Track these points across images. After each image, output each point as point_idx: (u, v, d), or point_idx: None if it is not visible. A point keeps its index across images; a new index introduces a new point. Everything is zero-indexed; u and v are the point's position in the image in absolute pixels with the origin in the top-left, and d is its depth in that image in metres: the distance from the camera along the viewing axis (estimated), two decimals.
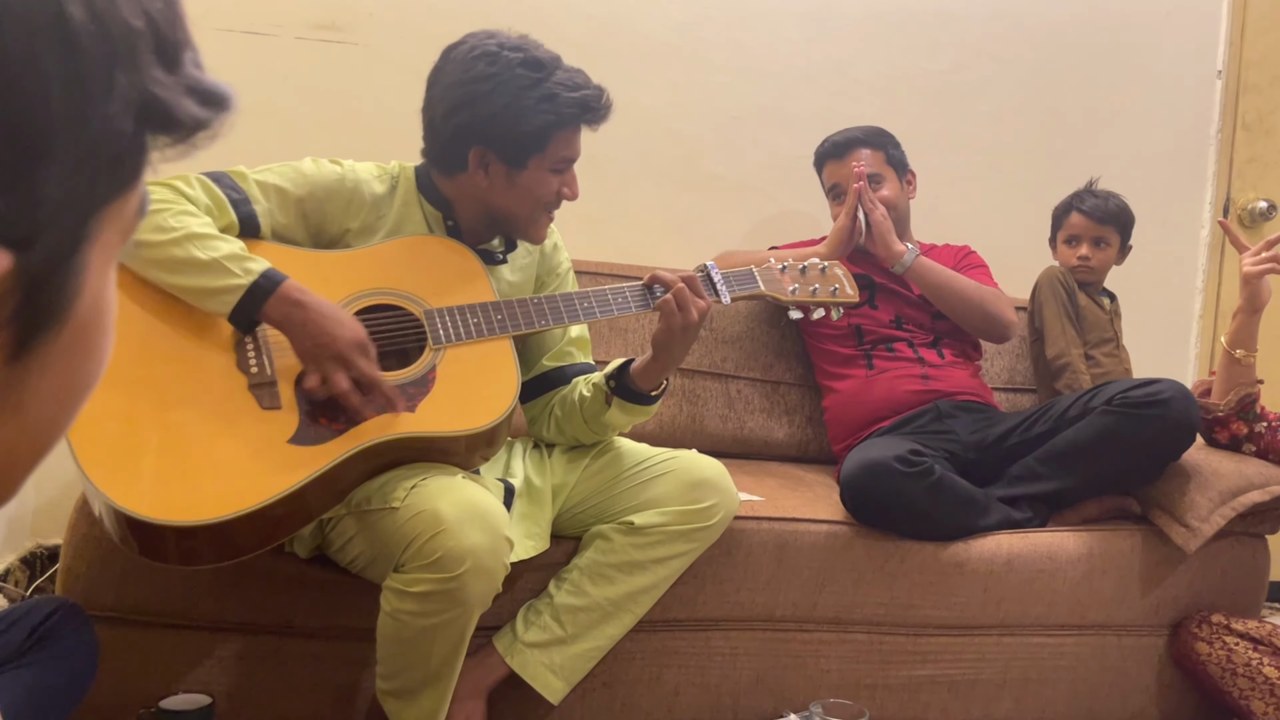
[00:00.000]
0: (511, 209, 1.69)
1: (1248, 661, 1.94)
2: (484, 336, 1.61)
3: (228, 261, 1.46)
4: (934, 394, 2.28)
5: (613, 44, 2.68)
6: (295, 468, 1.43)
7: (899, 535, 1.95)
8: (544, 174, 1.66)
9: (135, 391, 1.44)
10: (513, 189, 1.67)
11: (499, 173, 1.66)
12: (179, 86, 0.40)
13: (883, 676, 1.97)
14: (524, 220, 1.71)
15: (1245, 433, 2.11)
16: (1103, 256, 2.48)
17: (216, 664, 1.69)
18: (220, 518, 1.37)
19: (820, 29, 2.80)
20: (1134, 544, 2.06)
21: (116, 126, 0.37)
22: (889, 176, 2.42)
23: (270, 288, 1.46)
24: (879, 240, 2.29)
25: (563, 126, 1.63)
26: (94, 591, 1.64)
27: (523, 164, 1.65)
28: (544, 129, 1.62)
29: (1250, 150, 3.10)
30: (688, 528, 1.70)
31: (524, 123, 1.60)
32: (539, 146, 1.63)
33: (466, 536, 1.40)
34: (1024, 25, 2.93)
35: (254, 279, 1.46)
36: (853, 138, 2.44)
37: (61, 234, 0.37)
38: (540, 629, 1.67)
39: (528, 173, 1.65)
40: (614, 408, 1.72)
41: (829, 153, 2.47)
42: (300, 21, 2.50)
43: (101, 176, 0.38)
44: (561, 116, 1.62)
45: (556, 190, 1.68)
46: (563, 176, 1.69)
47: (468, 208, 1.72)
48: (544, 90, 1.60)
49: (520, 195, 1.67)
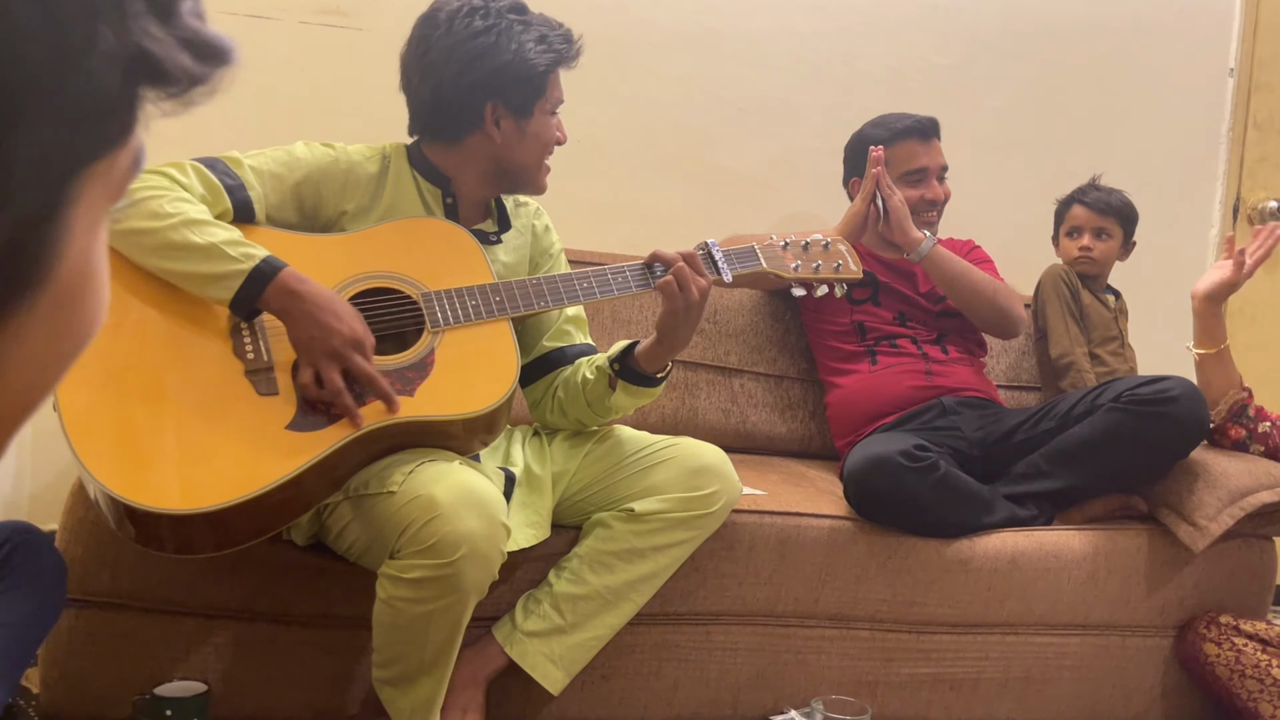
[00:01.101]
0: (523, 160, 1.72)
1: (1257, 663, 1.92)
2: (483, 319, 1.60)
3: (226, 247, 1.45)
4: (938, 390, 2.26)
5: (620, 34, 2.66)
6: (293, 454, 1.42)
7: (902, 531, 1.93)
8: (546, 118, 1.72)
9: (131, 379, 1.42)
10: (524, 139, 1.70)
11: (510, 125, 1.69)
12: (173, 38, 0.37)
13: (885, 674, 1.96)
14: (534, 169, 1.74)
15: (1245, 435, 2.10)
16: (1104, 248, 2.45)
17: (212, 651, 1.68)
18: (217, 505, 1.35)
19: (829, 21, 2.78)
20: (1140, 544, 2.04)
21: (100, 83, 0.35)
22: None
23: (271, 274, 1.45)
24: (897, 227, 2.23)
25: (554, 66, 1.69)
26: (90, 577, 1.62)
27: (529, 111, 1.69)
28: (545, 71, 1.67)
29: (1261, 149, 3.08)
30: (689, 515, 1.68)
31: (533, 68, 1.65)
32: (540, 91, 1.69)
33: (462, 522, 1.38)
34: (1034, 20, 2.91)
35: (255, 264, 1.45)
36: (936, 125, 2.39)
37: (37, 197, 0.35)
38: (540, 618, 1.65)
39: (534, 119, 1.70)
40: (619, 390, 1.70)
41: (917, 130, 2.37)
42: (304, 6, 2.48)
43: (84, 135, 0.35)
44: (558, 55, 1.68)
45: (554, 134, 1.74)
46: (556, 119, 1.75)
47: (472, 174, 1.73)
48: (536, 33, 1.66)
49: (530, 144, 1.71)
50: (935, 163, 2.37)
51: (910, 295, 2.39)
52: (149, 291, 1.49)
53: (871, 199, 2.24)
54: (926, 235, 2.25)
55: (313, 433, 1.45)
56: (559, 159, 1.79)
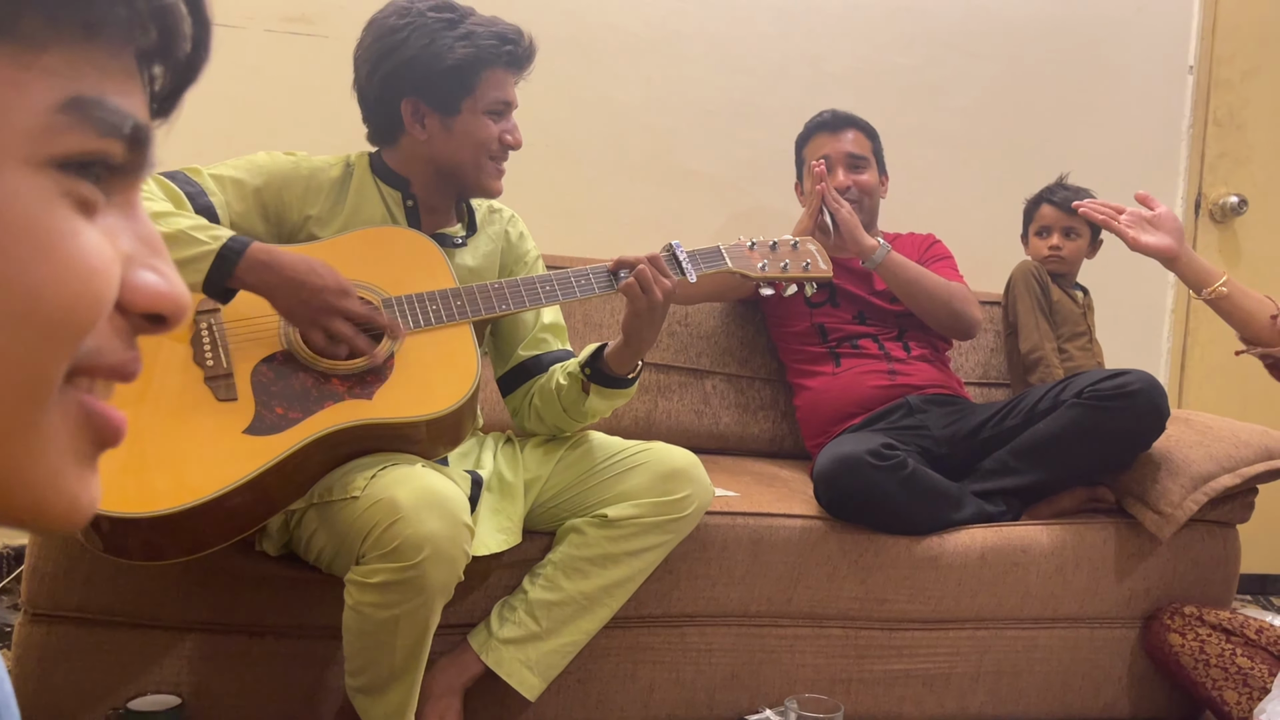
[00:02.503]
0: (455, 158, 1.70)
1: (1221, 652, 1.96)
2: (443, 323, 1.60)
3: (193, 231, 1.46)
4: (902, 389, 2.28)
5: (587, 39, 2.67)
6: (251, 457, 1.42)
7: (873, 529, 1.95)
8: (479, 118, 1.68)
9: None
10: (451, 137, 1.68)
11: (435, 123, 1.68)
12: None
13: (858, 671, 1.98)
14: (471, 169, 1.71)
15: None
16: (1073, 247, 2.50)
17: (185, 664, 1.67)
18: (176, 508, 1.35)
19: (793, 24, 2.80)
20: (1106, 537, 2.07)
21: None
22: (872, 166, 2.41)
23: (240, 249, 1.46)
24: (848, 238, 2.22)
25: (487, 64, 1.65)
26: (60, 592, 1.62)
27: (455, 108, 1.67)
28: (466, 66, 1.64)
29: (1221, 145, 3.13)
30: (662, 519, 1.69)
31: (442, 61, 1.62)
32: (467, 87, 1.66)
33: (424, 524, 1.38)
34: (996, 20, 2.94)
35: (223, 243, 1.46)
36: (850, 118, 2.42)
37: None
38: (515, 625, 1.66)
39: (462, 117, 1.67)
40: (592, 394, 1.71)
41: (825, 124, 2.43)
42: (270, 14, 2.47)
43: None
44: (481, 50, 1.64)
45: (497, 136, 1.69)
46: (502, 122, 1.70)
47: (420, 174, 1.73)
48: (460, 30, 1.63)
49: (460, 142, 1.68)
50: (838, 150, 2.39)
51: (865, 296, 2.41)
52: None
53: (819, 212, 2.24)
54: (880, 243, 2.26)
55: (271, 436, 1.45)
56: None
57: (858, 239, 2.23)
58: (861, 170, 2.39)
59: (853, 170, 2.39)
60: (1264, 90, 3.15)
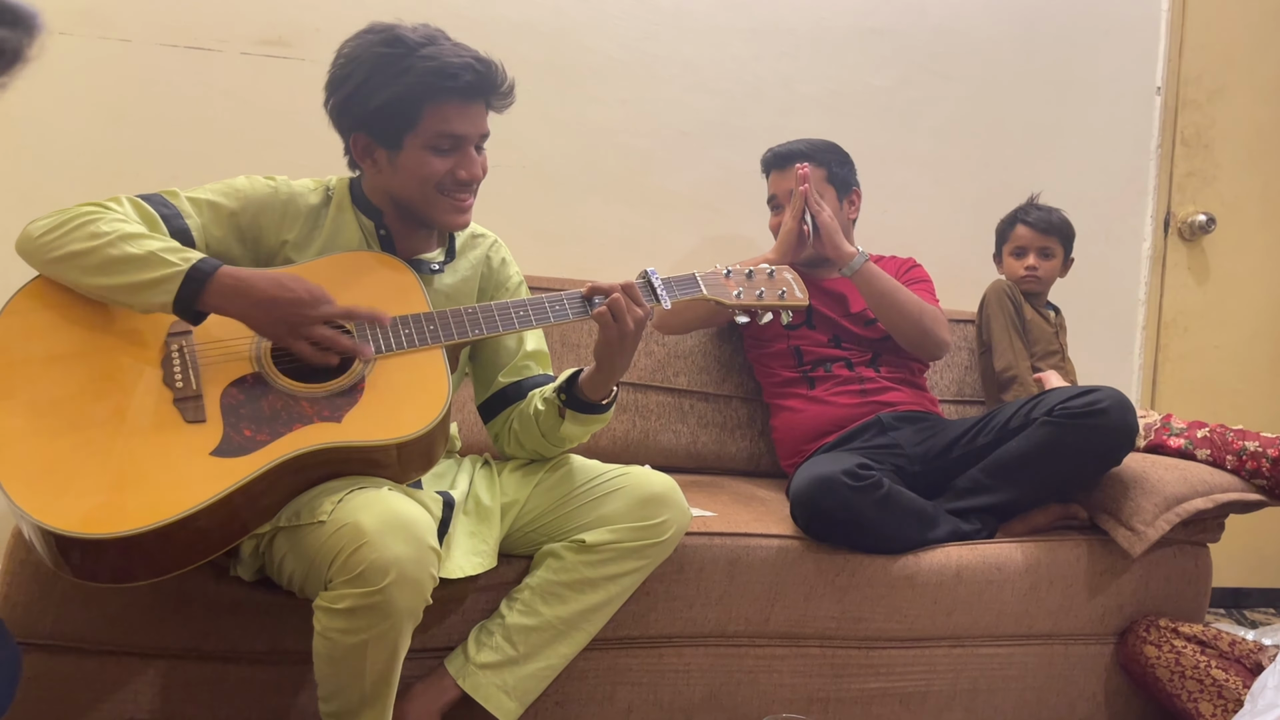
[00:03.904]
0: (403, 194, 1.69)
1: (1196, 664, 1.97)
2: (415, 347, 1.60)
3: (163, 253, 1.47)
4: (874, 406, 2.31)
5: (562, 61, 2.68)
6: (218, 478, 1.42)
7: (849, 549, 1.96)
8: (422, 153, 1.64)
9: (60, 410, 1.43)
10: (397, 173, 1.66)
11: (382, 157, 1.67)
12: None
13: (835, 690, 1.98)
14: (421, 204, 1.68)
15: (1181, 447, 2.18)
16: (1049, 267, 2.53)
17: (160, 692, 1.66)
18: (143, 528, 1.35)
19: (767, 46, 2.83)
20: (1080, 554, 2.09)
21: None
22: (826, 194, 2.40)
23: (209, 270, 1.47)
24: (828, 241, 2.28)
25: (429, 98, 1.60)
26: (33, 619, 1.60)
27: (398, 144, 1.64)
28: (400, 101, 1.60)
29: (1189, 165, 3.18)
30: (639, 544, 1.69)
31: (377, 96, 1.60)
32: (408, 123, 1.62)
33: (389, 548, 1.38)
34: (967, 42, 2.98)
35: (192, 264, 1.47)
36: (795, 150, 2.44)
37: None
38: (492, 650, 1.66)
39: (405, 153, 1.64)
40: (568, 420, 1.71)
41: (771, 163, 2.48)
42: (245, 37, 2.47)
43: None
44: (418, 84, 1.59)
45: (446, 171, 1.65)
46: (451, 157, 1.65)
47: (386, 205, 1.73)
48: (401, 64, 1.59)
49: (405, 178, 1.66)
50: (784, 189, 2.43)
51: (839, 320, 2.43)
52: (86, 321, 1.51)
53: (801, 216, 2.29)
54: (858, 250, 2.29)
55: (239, 458, 1.45)
56: (502, 184, 1.79)
57: (837, 244, 2.28)
58: None
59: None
60: (1230, 110, 3.20)
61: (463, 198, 1.69)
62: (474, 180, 1.69)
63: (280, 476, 1.47)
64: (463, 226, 1.73)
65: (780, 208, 2.44)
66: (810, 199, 2.29)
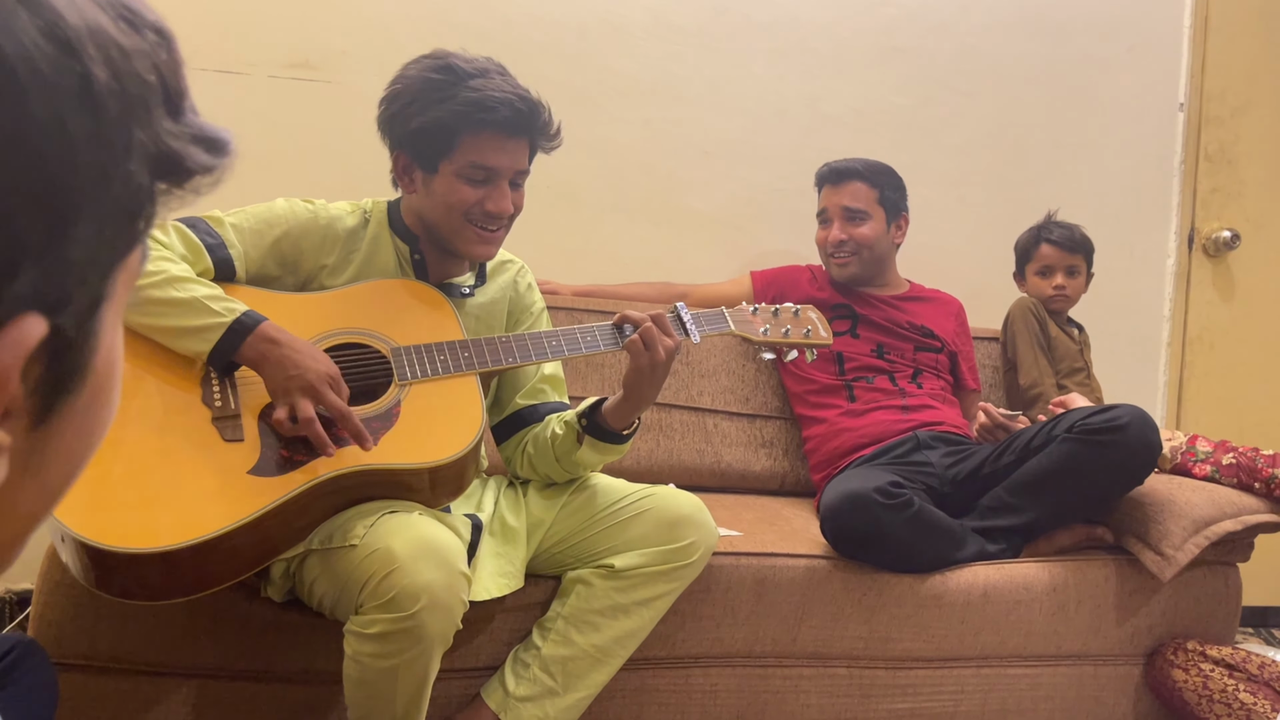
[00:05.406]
0: (432, 218, 1.70)
1: (1224, 688, 1.96)
2: (450, 373, 1.62)
3: (208, 301, 1.49)
4: (913, 423, 2.30)
5: (585, 81, 2.70)
6: (254, 498, 1.43)
7: (877, 567, 1.96)
8: (454, 180, 1.65)
9: None
10: (429, 196, 1.68)
11: (419, 179, 1.69)
12: (186, 135, 0.40)
13: (863, 710, 1.97)
14: (447, 230, 1.69)
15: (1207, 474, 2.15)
16: (1075, 285, 2.53)
17: (192, 712, 1.67)
18: (178, 545, 1.36)
19: (790, 65, 2.84)
20: (1108, 574, 2.08)
21: (136, 182, 0.37)
22: (875, 216, 2.45)
23: (251, 325, 1.49)
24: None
25: (466, 128, 1.62)
26: (66, 639, 1.61)
27: (434, 168, 1.66)
28: (438, 128, 1.62)
29: (1213, 181, 3.16)
30: (668, 567, 1.69)
31: (417, 119, 1.62)
32: (445, 150, 1.64)
33: (420, 574, 1.39)
34: (989, 61, 2.99)
35: (236, 317, 1.48)
36: (851, 168, 2.46)
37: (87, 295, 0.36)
38: (530, 682, 1.66)
39: (439, 178, 1.66)
40: (585, 446, 1.72)
41: (826, 178, 2.50)
42: (273, 60, 2.50)
43: (122, 232, 0.37)
44: (457, 114, 1.61)
45: (475, 201, 1.66)
46: (483, 188, 1.66)
47: (420, 230, 1.75)
48: (446, 92, 1.62)
49: (436, 203, 1.68)
50: (835, 204, 2.45)
51: (889, 327, 2.44)
52: (125, 339, 1.51)
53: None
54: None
55: (275, 478, 1.46)
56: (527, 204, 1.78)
57: None
58: (859, 223, 2.44)
59: (850, 222, 2.44)
60: (1254, 125, 3.19)
61: (490, 230, 1.70)
62: (502, 215, 1.68)
63: (316, 497, 1.48)
64: (486, 258, 1.75)
65: (829, 222, 2.47)
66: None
